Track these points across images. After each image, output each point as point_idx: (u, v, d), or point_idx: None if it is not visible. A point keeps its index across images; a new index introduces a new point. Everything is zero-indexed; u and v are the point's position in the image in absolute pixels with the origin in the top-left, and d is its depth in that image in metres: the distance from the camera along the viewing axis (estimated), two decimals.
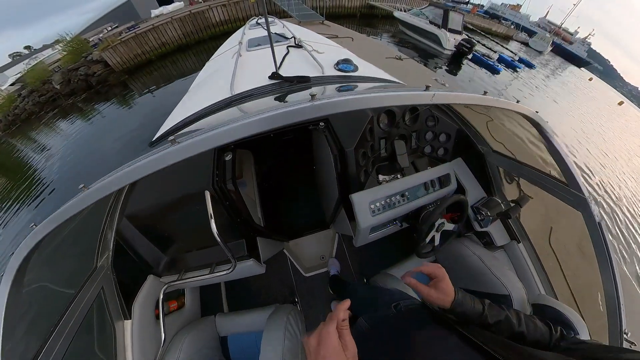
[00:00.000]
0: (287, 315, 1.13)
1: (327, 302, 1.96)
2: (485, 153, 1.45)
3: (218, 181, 1.10)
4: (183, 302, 1.44)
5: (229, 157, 1.24)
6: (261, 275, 2.15)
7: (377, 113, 1.38)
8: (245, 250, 1.25)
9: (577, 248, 2.07)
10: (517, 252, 1.36)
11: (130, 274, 1.17)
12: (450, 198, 1.18)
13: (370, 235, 1.30)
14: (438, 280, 0.65)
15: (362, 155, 1.29)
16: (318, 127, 1.31)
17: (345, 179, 1.27)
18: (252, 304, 1.98)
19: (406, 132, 1.49)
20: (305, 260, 2.19)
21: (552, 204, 1.14)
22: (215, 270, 1.19)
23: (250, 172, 2.13)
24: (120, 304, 1.06)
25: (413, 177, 1.34)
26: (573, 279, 1.27)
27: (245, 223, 1.27)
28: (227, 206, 1.15)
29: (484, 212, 1.36)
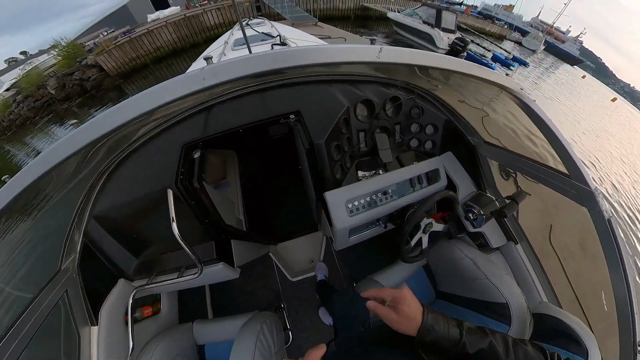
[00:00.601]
0: (261, 324, 1.06)
1: (314, 307, 1.85)
2: (476, 145, 1.32)
3: (183, 179, 1.03)
4: (159, 308, 1.35)
5: (197, 154, 1.17)
6: (246, 280, 2.09)
7: (353, 103, 1.25)
8: (214, 253, 1.15)
9: (580, 246, 1.96)
10: (515, 254, 1.24)
11: (100, 278, 1.10)
12: (436, 195, 1.06)
13: (351, 237, 1.19)
14: (396, 302, 0.53)
15: (335, 148, 1.17)
16: (289, 119, 1.20)
17: (317, 176, 1.16)
18: (237, 309, 1.90)
19: (388, 124, 1.35)
20: (294, 264, 2.08)
21: (551, 199, 1.02)
22: (184, 274, 1.11)
23: (234, 173, 2.03)
24: (87, 309, 0.99)
25: (397, 172, 1.23)
26: (576, 280, 1.17)
27: (213, 225, 1.17)
28: (193, 206, 1.07)
29: (476, 210, 1.23)
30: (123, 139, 1.04)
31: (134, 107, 0.53)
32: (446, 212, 1.23)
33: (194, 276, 1.06)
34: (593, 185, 0.80)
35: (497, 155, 1.24)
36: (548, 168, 0.97)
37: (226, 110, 1.36)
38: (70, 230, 1.01)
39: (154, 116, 1.04)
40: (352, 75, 1.31)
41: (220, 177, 2.06)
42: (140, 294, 1.15)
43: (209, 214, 1.16)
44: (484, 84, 0.77)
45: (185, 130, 1.32)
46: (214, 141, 1.24)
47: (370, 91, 1.37)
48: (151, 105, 0.53)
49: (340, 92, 1.33)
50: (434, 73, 1.13)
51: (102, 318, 1.00)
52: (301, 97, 1.28)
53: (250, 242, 1.61)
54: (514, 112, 0.97)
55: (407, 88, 1.49)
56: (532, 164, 1.03)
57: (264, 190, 2.33)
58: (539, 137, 0.91)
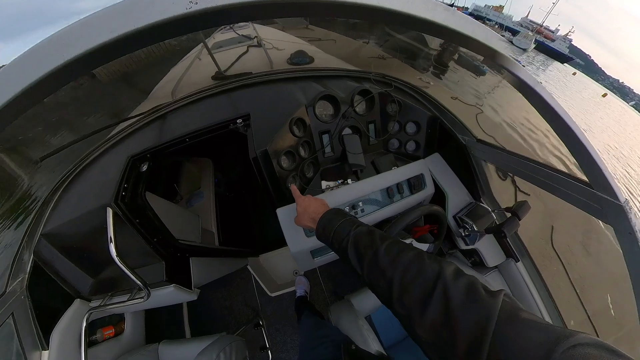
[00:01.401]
0: (220, 352, 1.00)
1: (295, 325, 1.72)
2: (467, 144, 1.11)
3: (124, 196, 0.94)
4: (122, 328, 1.27)
5: (145, 167, 1.07)
6: (225, 295, 1.97)
7: (312, 101, 1.06)
8: (164, 275, 1.02)
9: (582, 247, 1.86)
10: (515, 273, 1.08)
11: (54, 299, 1.03)
12: (413, 211, 0.88)
13: (316, 259, 1.02)
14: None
15: (286, 155, 0.99)
16: (237, 125, 1.06)
17: (266, 189, 0.99)
18: (214, 327, 1.77)
19: (359, 124, 1.13)
20: (277, 277, 1.95)
21: (551, 199, 0.85)
22: (136, 296, 1.01)
23: (208, 183, 1.90)
24: (37, 333, 0.92)
25: (371, 180, 1.03)
26: (581, 285, 1.10)
27: (163, 243, 1.05)
28: (138, 224, 0.96)
29: (469, 225, 1.04)
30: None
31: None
32: (434, 225, 1.02)
33: (142, 300, 0.96)
34: (623, 197, 0.60)
35: (493, 156, 1.03)
36: (560, 174, 0.76)
37: (179, 119, 1.27)
38: (19, 249, 0.96)
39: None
40: (318, 70, 1.17)
41: (196, 187, 1.94)
42: (101, 314, 1.09)
43: (159, 232, 1.04)
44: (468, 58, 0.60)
45: (138, 142, 1.22)
46: (176, 151, 1.15)
47: (338, 87, 1.20)
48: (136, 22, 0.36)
49: (300, 89, 1.19)
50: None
51: (54, 341, 0.92)
52: (256, 98, 1.17)
53: (219, 256, 1.48)
54: (516, 107, 0.81)
55: (384, 81, 1.34)
56: (539, 168, 0.82)
57: (243, 199, 2.19)
58: (549, 137, 0.73)
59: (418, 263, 0.43)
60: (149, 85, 2.70)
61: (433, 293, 0.38)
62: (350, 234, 0.55)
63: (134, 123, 1.28)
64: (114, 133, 1.30)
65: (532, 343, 0.28)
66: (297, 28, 9.62)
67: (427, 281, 0.40)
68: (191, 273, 1.14)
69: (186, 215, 1.45)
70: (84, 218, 0.96)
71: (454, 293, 0.36)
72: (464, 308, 0.35)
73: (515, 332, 0.30)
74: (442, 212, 0.95)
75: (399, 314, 0.42)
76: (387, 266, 0.46)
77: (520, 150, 0.96)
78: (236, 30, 3.51)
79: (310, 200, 0.73)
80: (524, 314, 0.32)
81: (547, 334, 0.28)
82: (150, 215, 1.02)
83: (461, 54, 9.66)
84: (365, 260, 0.50)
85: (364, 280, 0.51)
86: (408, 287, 0.41)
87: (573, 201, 0.73)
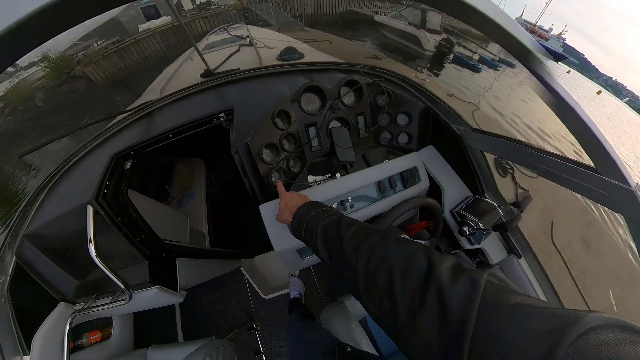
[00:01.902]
0: (206, 357, 0.97)
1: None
2: (462, 134, 1.06)
3: (107, 193, 0.90)
4: (110, 333, 1.22)
5: (128, 165, 1.04)
6: (217, 297, 1.92)
7: (296, 93, 1.02)
8: (147, 276, 0.98)
9: (582, 242, 1.84)
10: (518, 270, 1.03)
11: (36, 302, 0.99)
12: (406, 203, 0.83)
13: (304, 258, 0.98)
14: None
15: (268, 148, 0.94)
16: (220, 119, 1.02)
17: (249, 183, 0.95)
18: (206, 330, 1.72)
19: (347, 117, 1.08)
20: (273, 279, 1.90)
21: (551, 195, 0.81)
22: (118, 298, 0.97)
23: (200, 183, 1.86)
24: (18, 337, 0.88)
25: (360, 174, 0.98)
26: (583, 281, 1.08)
27: (147, 243, 1.01)
28: (120, 223, 0.93)
29: (474, 222, 0.96)
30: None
31: None
32: (431, 221, 0.97)
33: (124, 302, 0.92)
34: (634, 182, 0.55)
35: (492, 145, 0.95)
36: (564, 160, 0.70)
37: (164, 115, 1.24)
38: (0, 251, 0.92)
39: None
40: (306, 64, 1.13)
41: (188, 188, 1.90)
42: (86, 317, 1.05)
43: (142, 231, 1.01)
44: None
45: (123, 140, 1.19)
46: (162, 148, 1.11)
47: (325, 79, 1.16)
48: None
49: (286, 83, 1.15)
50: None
51: (35, 346, 0.88)
52: (242, 93, 1.13)
53: (209, 258, 1.44)
54: (513, 102, 0.77)
55: (373, 73, 1.30)
56: (541, 155, 0.77)
57: (236, 200, 2.15)
58: (549, 136, 0.68)
59: (383, 246, 0.37)
60: (142, 87, 2.70)
61: (402, 281, 0.31)
62: (319, 225, 0.50)
63: (120, 121, 1.25)
64: (100, 132, 1.28)
65: (528, 335, 0.22)
66: (293, 30, 9.73)
67: (394, 267, 0.33)
68: (177, 274, 1.10)
69: (173, 215, 1.41)
70: (66, 217, 0.93)
71: (427, 278, 0.30)
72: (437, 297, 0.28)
73: (503, 321, 0.23)
74: (437, 205, 0.90)
75: (372, 311, 0.35)
76: (352, 254, 0.40)
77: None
78: (231, 32, 3.53)
79: (293, 196, 0.70)
80: (513, 297, 0.25)
81: (547, 321, 0.22)
82: (133, 214, 0.98)
83: (456, 54, 9.88)
84: (333, 251, 0.45)
85: (334, 274, 0.46)
86: (373, 276, 0.35)
87: (578, 189, 0.68)
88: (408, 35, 11.64)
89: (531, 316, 0.23)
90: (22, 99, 10.26)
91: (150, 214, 1.06)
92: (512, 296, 0.25)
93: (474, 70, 11.52)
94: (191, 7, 13.50)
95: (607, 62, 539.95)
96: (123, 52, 10.04)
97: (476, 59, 12.76)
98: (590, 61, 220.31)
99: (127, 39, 10.52)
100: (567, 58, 0.70)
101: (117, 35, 14.75)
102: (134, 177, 1.04)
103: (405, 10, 12.24)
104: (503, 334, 0.23)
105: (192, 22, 11.30)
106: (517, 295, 0.25)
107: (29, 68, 16.06)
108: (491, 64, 13.45)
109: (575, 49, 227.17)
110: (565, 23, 58.10)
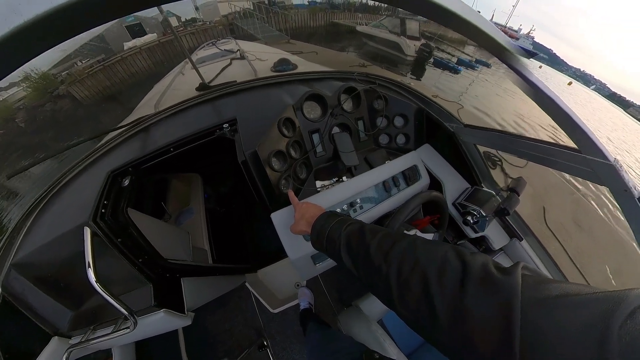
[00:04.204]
0: None
1: (302, 340, 1.59)
2: (455, 131, 1.12)
3: (105, 213, 0.84)
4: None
5: (126, 182, 0.98)
6: (223, 317, 1.82)
7: (299, 101, 1.03)
8: (152, 299, 0.91)
9: (574, 223, 1.90)
10: (521, 252, 1.06)
11: (26, 339, 0.90)
12: (413, 201, 0.84)
13: (317, 264, 0.95)
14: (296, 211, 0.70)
15: (276, 156, 0.93)
16: (223, 130, 0.99)
17: (258, 193, 0.92)
18: (213, 353, 1.61)
19: (348, 122, 1.11)
20: (279, 291, 1.82)
21: (540, 181, 0.85)
22: (121, 326, 0.88)
23: (198, 199, 1.78)
24: None
25: (365, 176, 1.00)
26: (580, 260, 1.10)
27: (150, 264, 0.94)
28: (120, 244, 0.86)
29: (476, 211, 1.01)
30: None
31: None
32: (435, 215, 1.00)
33: (129, 331, 0.84)
34: (612, 157, 0.61)
35: (483, 137, 1.02)
36: (549, 145, 0.77)
37: (162, 129, 1.19)
38: None
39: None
40: (303, 74, 1.13)
41: (185, 204, 1.81)
42: (83, 351, 0.94)
43: (144, 252, 0.93)
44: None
45: (119, 157, 1.13)
46: (161, 163, 1.06)
47: (324, 87, 1.18)
48: None
49: (286, 92, 1.15)
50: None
51: None
52: (242, 104, 1.11)
53: (214, 275, 1.36)
54: (491, 100, 0.80)
55: (367, 80, 1.34)
56: (529, 143, 0.82)
57: (235, 213, 2.07)
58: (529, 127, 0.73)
59: (413, 252, 0.36)
60: (131, 104, 2.61)
61: (438, 286, 0.31)
62: (342, 235, 0.49)
63: (114, 138, 1.18)
64: (92, 151, 1.20)
65: (576, 325, 0.21)
66: (280, 43, 9.86)
67: (428, 272, 0.32)
68: (183, 295, 1.03)
69: (175, 232, 1.33)
70: (59, 242, 0.85)
71: (464, 280, 0.29)
72: (477, 298, 0.27)
73: (549, 314, 0.22)
74: (441, 197, 0.92)
75: (406, 317, 0.34)
76: (382, 262, 0.39)
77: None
78: (220, 47, 3.51)
79: (309, 206, 0.69)
80: (553, 288, 0.24)
81: (592, 307, 0.21)
82: (134, 234, 0.91)
83: (436, 57, 10.26)
84: (360, 261, 0.44)
85: (363, 284, 0.43)
86: (407, 283, 0.34)
87: (566, 169, 0.74)
88: (390, 43, 12.05)
89: (575, 305, 0.22)
90: (2, 121, 9.77)
91: (151, 232, 1.00)
92: (551, 286, 0.25)
93: (454, 72, 12.10)
94: (177, 24, 13.47)
95: (575, 56, 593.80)
96: (109, 69, 9.79)
97: (455, 62, 13.37)
98: (559, 55, 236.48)
99: (112, 57, 10.29)
100: (537, 54, 0.76)
101: (103, 53, 14.47)
102: (131, 196, 0.98)
103: (385, 20, 12.70)
104: (552, 328, 0.22)
105: (179, 38, 11.24)
106: (556, 284, 0.25)
107: (8, 89, 15.44)
108: (468, 64, 14.13)
109: (544, 46, 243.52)
110: (532, 22, 62.69)
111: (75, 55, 18.32)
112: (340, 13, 17.39)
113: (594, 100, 18.87)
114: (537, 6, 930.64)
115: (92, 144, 1.28)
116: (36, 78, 10.65)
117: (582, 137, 0.62)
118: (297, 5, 19.91)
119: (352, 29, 15.07)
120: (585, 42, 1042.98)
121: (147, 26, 16.27)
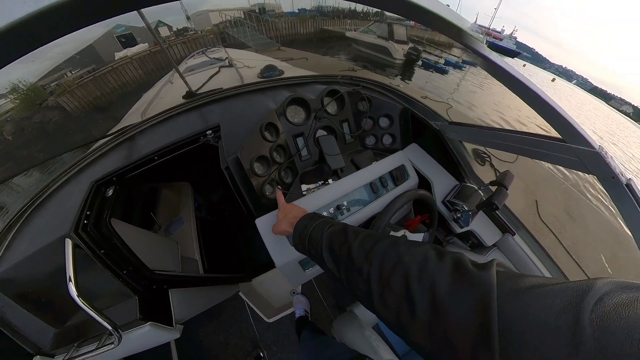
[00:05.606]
0: None
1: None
2: (441, 129, 1.10)
3: (86, 225, 0.80)
4: None
5: (110, 192, 0.94)
6: (217, 328, 1.76)
7: (282, 106, 1.01)
8: (137, 312, 0.87)
9: (566, 214, 1.91)
10: (515, 247, 1.04)
11: (6, 359, 0.85)
12: (399, 199, 0.83)
13: (307, 270, 0.92)
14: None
15: (259, 161, 0.90)
16: (207, 137, 0.97)
17: (242, 199, 0.90)
18: None
19: (333, 124, 1.08)
20: (273, 300, 1.77)
21: (530, 175, 0.84)
22: (105, 342, 0.83)
23: (188, 207, 1.73)
24: None
25: (352, 178, 0.98)
26: (575, 250, 1.08)
27: (135, 276, 0.91)
28: (103, 256, 0.82)
29: (459, 206, 1.01)
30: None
31: None
32: (425, 215, 0.99)
33: (113, 347, 0.79)
34: (597, 144, 0.59)
35: (469, 134, 1.00)
36: (534, 136, 0.75)
37: (147, 138, 1.15)
38: None
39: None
40: (288, 79, 1.12)
41: (175, 214, 1.76)
42: None
43: (129, 263, 0.89)
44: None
45: (103, 166, 1.08)
46: (146, 171, 1.02)
47: (307, 91, 1.18)
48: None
49: (270, 97, 1.14)
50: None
51: None
52: (227, 110, 1.10)
53: (205, 285, 1.31)
54: (478, 98, 0.79)
55: (351, 82, 1.33)
56: (514, 136, 0.80)
57: (227, 221, 2.02)
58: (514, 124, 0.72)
59: (395, 251, 0.36)
60: (120, 113, 2.55)
61: (419, 284, 0.30)
62: (324, 236, 0.48)
63: (99, 147, 1.14)
64: (77, 160, 1.15)
65: (550, 313, 0.22)
66: (270, 50, 9.87)
67: (409, 270, 0.32)
68: (171, 307, 0.98)
69: (162, 242, 1.28)
70: (40, 255, 0.80)
71: (439, 277, 0.29)
72: (455, 293, 0.27)
73: (524, 305, 0.23)
74: (428, 195, 0.90)
75: (387, 318, 0.33)
76: (363, 262, 0.38)
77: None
78: (209, 55, 3.49)
79: (293, 207, 0.69)
80: (526, 280, 0.25)
81: (564, 295, 0.22)
82: (118, 245, 0.88)
83: (424, 59, 10.45)
84: (341, 261, 0.43)
85: (343, 286, 0.41)
86: (388, 282, 0.33)
87: (552, 160, 0.72)
88: (378, 47, 12.26)
89: (548, 294, 0.23)
90: None
91: (136, 243, 0.95)
92: (524, 280, 0.26)
93: (441, 72, 12.42)
94: (168, 34, 13.43)
95: (556, 53, 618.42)
96: (99, 80, 9.65)
97: (442, 63, 13.71)
98: (541, 54, 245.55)
99: (103, 67, 10.15)
100: (521, 54, 0.74)
101: (93, 64, 14.26)
102: (116, 206, 0.94)
103: (373, 25, 12.94)
104: (527, 317, 0.23)
105: (171, 48, 11.18)
106: (528, 278, 0.26)
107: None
108: (456, 65, 14.49)
109: (526, 45, 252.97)
110: (514, 24, 65.10)
111: (65, 65, 18.03)
112: (329, 20, 17.65)
113: (576, 94, 19.60)
114: (516, 7, 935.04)
115: (76, 154, 1.23)
116: (24, 89, 10.42)
117: (566, 127, 0.61)
118: (288, 14, 20.18)
119: (342, 35, 15.30)
120: (565, 38, 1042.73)
121: (139, 36, 16.15)
